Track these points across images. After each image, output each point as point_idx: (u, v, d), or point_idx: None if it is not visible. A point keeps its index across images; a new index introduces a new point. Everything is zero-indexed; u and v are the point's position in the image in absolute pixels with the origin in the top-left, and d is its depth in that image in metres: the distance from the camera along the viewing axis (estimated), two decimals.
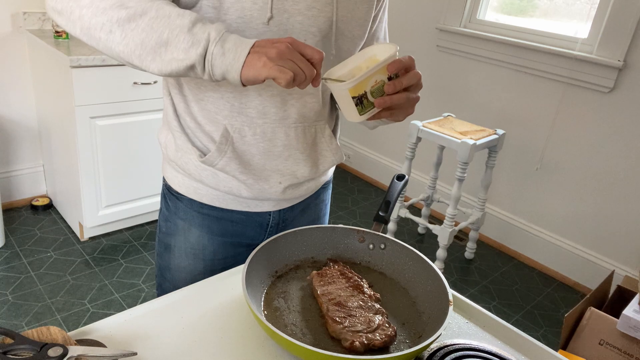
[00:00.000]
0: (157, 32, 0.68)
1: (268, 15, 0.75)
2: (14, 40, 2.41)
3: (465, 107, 2.83)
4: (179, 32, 0.68)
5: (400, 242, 0.90)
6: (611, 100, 2.28)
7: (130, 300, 2.09)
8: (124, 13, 0.68)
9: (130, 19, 0.68)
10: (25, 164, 2.65)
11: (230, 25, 0.76)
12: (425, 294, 0.83)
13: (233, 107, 0.84)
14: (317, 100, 0.88)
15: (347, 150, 3.59)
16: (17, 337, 0.63)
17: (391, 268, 0.90)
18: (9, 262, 2.23)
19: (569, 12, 2.47)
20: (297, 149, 0.90)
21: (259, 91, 0.83)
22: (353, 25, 0.85)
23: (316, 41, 0.81)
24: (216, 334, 0.75)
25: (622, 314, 1.60)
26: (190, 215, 0.95)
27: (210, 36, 0.68)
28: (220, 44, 0.68)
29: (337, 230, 0.93)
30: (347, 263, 0.92)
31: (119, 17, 0.69)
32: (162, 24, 0.68)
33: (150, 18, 0.68)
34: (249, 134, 0.86)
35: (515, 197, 2.72)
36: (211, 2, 0.75)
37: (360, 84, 0.72)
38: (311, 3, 0.78)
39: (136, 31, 0.69)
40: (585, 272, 2.50)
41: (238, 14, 0.75)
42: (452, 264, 2.62)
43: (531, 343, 0.79)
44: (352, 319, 0.75)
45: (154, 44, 0.69)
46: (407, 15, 2.97)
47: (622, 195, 2.32)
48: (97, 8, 0.69)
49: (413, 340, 0.76)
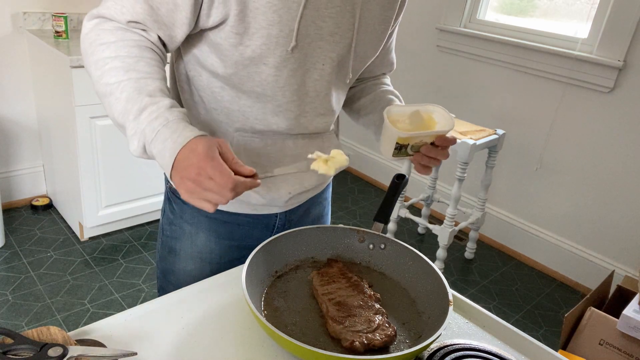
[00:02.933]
0: (115, 113, 0.71)
1: (293, 43, 0.75)
2: (14, 40, 2.41)
3: (465, 107, 2.83)
4: (126, 120, 0.70)
5: (400, 242, 0.90)
6: (611, 100, 2.28)
7: (130, 300, 2.09)
8: (101, 89, 0.72)
9: (103, 95, 0.72)
10: (25, 164, 2.65)
11: (254, 51, 0.75)
12: (425, 294, 0.83)
13: (247, 121, 0.84)
14: (328, 121, 0.89)
15: (347, 150, 3.59)
16: (17, 337, 0.63)
17: (391, 268, 0.90)
18: (9, 262, 2.23)
19: (569, 12, 2.47)
20: (305, 159, 0.90)
21: (276, 112, 0.82)
22: (368, 47, 0.86)
23: (333, 66, 0.81)
24: (216, 334, 0.75)
25: (622, 314, 1.60)
26: (197, 219, 0.94)
27: (145, 132, 0.69)
28: (154, 142, 0.69)
29: (337, 230, 0.93)
30: (347, 263, 0.92)
31: (97, 91, 0.73)
32: (119, 106, 0.70)
33: (116, 99, 0.70)
34: (260, 146, 0.86)
35: (515, 197, 2.72)
36: (235, 29, 0.73)
37: (409, 138, 0.81)
38: (334, 29, 0.78)
39: (107, 107, 0.73)
40: (585, 272, 2.50)
41: (263, 40, 0.74)
42: (452, 264, 2.62)
43: (531, 343, 0.79)
44: (352, 318, 0.75)
45: (118, 124, 0.72)
46: (407, 15, 2.97)
47: (622, 195, 2.32)
48: (92, 76, 0.74)
49: (413, 340, 0.76)
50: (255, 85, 0.79)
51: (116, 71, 0.71)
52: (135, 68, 0.71)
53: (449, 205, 2.40)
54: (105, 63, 0.71)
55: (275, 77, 0.78)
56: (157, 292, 1.06)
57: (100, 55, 0.72)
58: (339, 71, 0.84)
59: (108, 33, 0.73)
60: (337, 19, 0.77)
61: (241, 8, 0.71)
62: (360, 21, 0.80)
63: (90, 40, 0.74)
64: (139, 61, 0.72)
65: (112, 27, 0.73)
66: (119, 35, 0.73)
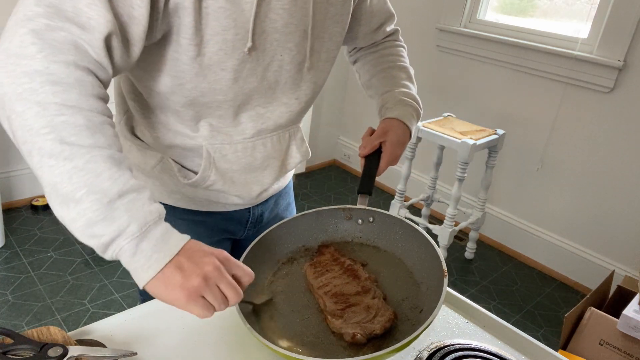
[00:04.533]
0: (74, 185, 0.55)
1: (249, 44, 0.72)
2: None
3: (465, 107, 2.83)
4: (95, 199, 0.55)
5: (387, 213, 0.88)
6: (611, 100, 2.27)
7: (130, 300, 2.09)
8: (48, 145, 0.55)
9: (53, 155, 0.55)
10: (25, 164, 2.65)
11: (211, 58, 0.71)
12: (420, 262, 0.82)
13: (212, 127, 0.81)
14: (292, 110, 0.87)
15: (347, 150, 3.59)
16: (17, 337, 0.63)
17: (383, 240, 0.89)
18: (9, 262, 2.23)
19: (569, 12, 2.47)
20: (273, 157, 0.90)
21: (236, 111, 0.81)
22: (329, 23, 0.82)
23: (292, 55, 0.79)
24: (216, 334, 0.75)
25: (622, 314, 1.60)
26: (173, 223, 0.93)
27: (128, 228, 0.56)
28: (135, 241, 0.57)
29: (322, 213, 0.91)
30: (340, 243, 0.90)
31: (42, 147, 0.55)
32: (83, 179, 0.55)
33: (74, 167, 0.55)
34: (230, 152, 0.84)
35: (515, 197, 2.72)
36: (193, 40, 0.69)
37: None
38: (288, 19, 0.75)
39: (54, 171, 0.55)
40: (585, 272, 2.50)
41: (219, 46, 0.71)
42: (452, 264, 2.62)
43: (531, 343, 0.79)
44: (350, 309, 0.75)
45: (65, 195, 0.55)
46: (407, 15, 2.97)
47: (622, 195, 2.32)
48: (25, 123, 0.56)
49: (415, 317, 0.75)
50: (217, 93, 0.76)
51: (78, 129, 0.56)
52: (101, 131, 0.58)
53: (449, 205, 2.40)
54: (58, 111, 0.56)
55: (234, 79, 0.75)
56: (140, 295, 1.01)
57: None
58: (298, 58, 0.81)
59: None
60: (290, 8, 0.74)
61: (196, 17, 0.67)
62: (315, 1, 0.77)
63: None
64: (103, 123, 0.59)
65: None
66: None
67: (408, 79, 1.02)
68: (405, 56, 1.07)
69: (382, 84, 1.02)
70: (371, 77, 1.04)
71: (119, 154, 0.59)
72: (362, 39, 1.02)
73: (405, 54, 1.07)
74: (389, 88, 1.00)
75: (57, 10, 0.56)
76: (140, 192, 0.59)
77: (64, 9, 0.57)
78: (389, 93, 0.99)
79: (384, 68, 1.03)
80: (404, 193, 2.64)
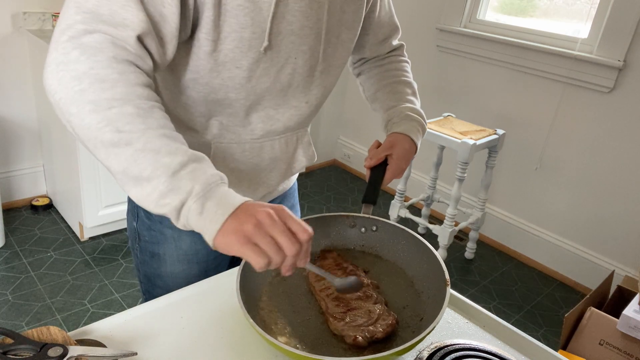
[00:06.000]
0: (140, 166, 0.61)
1: (265, 44, 0.73)
2: (14, 40, 2.41)
3: (465, 107, 2.83)
4: (161, 173, 0.61)
5: (391, 223, 0.89)
6: (611, 100, 2.28)
7: (130, 300, 2.09)
8: (108, 137, 0.61)
9: (115, 144, 0.61)
10: (25, 164, 2.65)
11: (227, 55, 0.73)
12: (422, 272, 0.83)
13: (221, 125, 0.83)
14: (301, 113, 0.88)
15: (347, 150, 3.59)
16: (17, 337, 0.63)
17: (386, 249, 0.89)
18: (9, 262, 2.23)
19: (569, 12, 2.47)
20: (280, 159, 0.91)
21: (247, 110, 0.82)
22: (342, 29, 0.84)
23: (305, 58, 0.80)
24: (216, 334, 0.75)
25: (622, 314, 1.60)
26: None
27: (193, 189, 0.61)
28: (201, 200, 0.61)
29: (327, 218, 0.92)
30: (341, 250, 0.91)
31: (103, 139, 0.61)
32: (146, 159, 0.61)
33: (136, 150, 0.61)
34: (238, 152, 0.86)
35: (515, 197, 2.72)
36: (210, 35, 0.71)
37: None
38: (304, 22, 0.76)
39: (120, 157, 0.61)
40: (585, 272, 2.50)
41: (235, 43, 0.72)
42: (452, 264, 2.62)
43: (531, 343, 0.79)
44: (352, 312, 0.75)
45: (135, 176, 0.61)
46: (407, 15, 2.97)
47: (622, 195, 2.32)
48: (83, 122, 0.61)
49: (415, 324, 0.75)
50: (229, 90, 0.78)
51: (131, 118, 0.62)
52: (152, 116, 0.64)
53: (449, 205, 2.40)
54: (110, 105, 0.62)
55: (248, 78, 0.77)
56: (143, 295, 1.03)
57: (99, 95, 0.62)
58: (311, 61, 0.83)
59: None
60: (306, 11, 0.76)
61: (215, 12, 0.69)
62: (330, 7, 0.79)
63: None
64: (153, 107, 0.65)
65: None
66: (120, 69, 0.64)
67: (413, 94, 1.04)
68: (409, 71, 1.09)
69: (387, 99, 1.03)
70: (376, 91, 1.05)
71: (171, 132, 0.65)
72: (369, 49, 1.04)
73: (409, 69, 1.09)
74: (395, 103, 1.01)
75: (94, 15, 0.62)
76: (200, 162, 0.64)
77: (101, 13, 0.62)
78: (395, 108, 1.00)
79: (389, 82, 1.04)
80: (404, 193, 2.64)
